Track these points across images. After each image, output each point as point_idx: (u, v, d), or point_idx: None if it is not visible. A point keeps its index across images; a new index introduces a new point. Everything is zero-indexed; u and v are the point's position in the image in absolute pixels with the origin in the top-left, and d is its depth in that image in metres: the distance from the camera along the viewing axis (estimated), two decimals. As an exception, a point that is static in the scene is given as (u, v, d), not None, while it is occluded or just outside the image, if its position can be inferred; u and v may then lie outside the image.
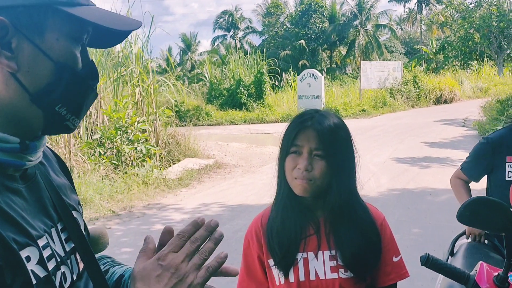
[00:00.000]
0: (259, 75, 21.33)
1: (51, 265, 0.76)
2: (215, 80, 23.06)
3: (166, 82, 11.38)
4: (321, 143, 1.37)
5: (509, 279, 1.46)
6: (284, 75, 28.02)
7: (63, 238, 0.83)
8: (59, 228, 0.83)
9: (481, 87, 25.67)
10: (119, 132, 8.44)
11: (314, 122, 1.39)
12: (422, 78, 23.70)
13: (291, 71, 25.55)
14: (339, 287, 1.40)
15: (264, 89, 21.33)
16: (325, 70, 35.24)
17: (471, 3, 28.18)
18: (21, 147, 0.76)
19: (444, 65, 31.05)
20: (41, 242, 0.75)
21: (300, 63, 35.19)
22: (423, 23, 40.75)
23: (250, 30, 47.20)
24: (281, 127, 1.52)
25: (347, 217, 1.42)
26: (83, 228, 0.90)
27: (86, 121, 8.89)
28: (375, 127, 15.59)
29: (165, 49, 42.43)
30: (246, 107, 20.96)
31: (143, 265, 0.77)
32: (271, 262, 1.45)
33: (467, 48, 29.28)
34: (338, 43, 39.90)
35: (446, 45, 30.96)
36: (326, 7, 38.51)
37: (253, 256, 1.50)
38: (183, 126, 14.15)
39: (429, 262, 1.49)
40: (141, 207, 6.93)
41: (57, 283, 0.77)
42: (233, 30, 47.29)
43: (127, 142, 8.53)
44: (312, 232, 1.44)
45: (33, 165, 0.80)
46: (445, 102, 23.51)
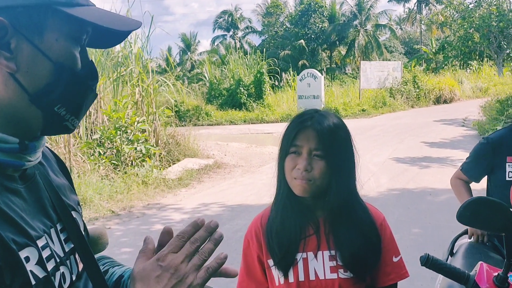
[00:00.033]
0: (258, 75, 21.32)
1: (50, 265, 0.76)
2: (214, 80, 23.04)
3: (166, 82, 11.37)
4: (321, 143, 1.37)
5: (509, 279, 1.46)
6: (283, 75, 28.05)
7: (62, 238, 0.83)
8: (59, 228, 0.83)
9: (480, 87, 25.68)
10: (118, 132, 8.43)
11: (314, 122, 1.39)
12: (422, 78, 23.71)
13: (291, 71, 25.56)
14: (338, 287, 1.40)
15: (264, 89, 21.32)
16: (324, 70, 35.27)
17: (470, 3, 28.21)
18: (20, 147, 0.76)
19: (443, 65, 31.07)
20: (40, 243, 0.75)
21: (300, 63, 35.20)
22: (422, 23, 40.77)
23: (250, 30, 47.21)
24: (280, 127, 1.52)
25: (347, 217, 1.42)
26: (82, 228, 0.90)
27: (86, 121, 8.88)
28: (374, 127, 15.59)
29: (164, 49, 42.48)
30: (246, 107, 20.95)
31: (142, 266, 0.77)
32: (270, 262, 1.45)
33: (466, 48, 29.31)
34: (337, 43, 39.91)
35: (445, 45, 30.99)
36: (325, 7, 38.52)
37: (252, 256, 1.50)
38: (182, 126, 14.15)
39: (429, 262, 1.49)
40: (140, 207, 6.92)
41: (56, 283, 0.77)
42: (232, 30, 47.30)
43: (126, 142, 8.53)
44: (312, 232, 1.44)
45: (32, 165, 0.80)
46: (445, 102, 23.52)
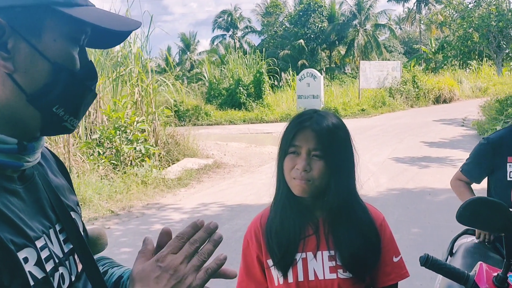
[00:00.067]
0: (258, 74, 21.32)
1: (49, 266, 0.76)
2: (214, 80, 23.03)
3: (165, 81, 11.36)
4: (319, 143, 1.37)
5: (509, 279, 1.46)
6: (283, 74, 28.05)
7: (61, 239, 0.83)
8: (58, 229, 0.83)
9: (480, 86, 25.70)
10: (118, 132, 8.43)
11: (313, 122, 1.39)
12: (421, 78, 23.73)
13: (290, 71, 25.58)
14: (337, 287, 1.40)
15: (263, 88, 21.32)
16: (324, 70, 35.29)
17: (470, 3, 28.22)
18: (19, 148, 0.76)
19: (443, 65, 31.07)
20: (39, 243, 0.75)
21: (299, 62, 35.19)
22: (422, 22, 40.75)
23: (249, 30, 47.20)
24: (280, 127, 1.52)
25: (346, 217, 1.42)
26: (81, 229, 0.90)
27: (85, 121, 8.88)
28: (374, 126, 15.60)
29: (164, 48, 42.51)
30: (245, 106, 20.94)
31: (142, 267, 0.76)
32: (270, 262, 1.45)
33: (466, 47, 29.33)
34: (337, 42, 39.90)
35: (445, 44, 31.00)
36: (325, 6, 38.51)
37: (252, 256, 1.50)
38: (182, 125, 14.14)
39: (428, 262, 1.49)
40: (140, 207, 6.92)
41: (55, 284, 0.76)
42: (232, 30, 47.29)
43: (126, 142, 8.52)
44: (311, 232, 1.44)
45: (31, 166, 0.80)
46: (444, 101, 23.54)
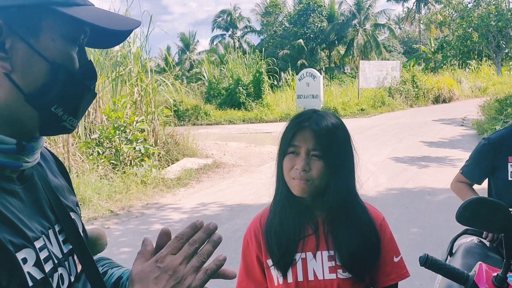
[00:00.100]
0: (257, 74, 21.32)
1: (48, 267, 0.75)
2: (213, 80, 23.02)
3: (165, 81, 11.35)
4: (319, 143, 1.37)
5: (508, 279, 1.46)
6: (282, 74, 28.07)
7: (60, 239, 0.82)
8: (57, 229, 0.82)
9: (479, 86, 25.73)
10: (117, 132, 8.42)
11: (312, 122, 1.39)
12: (421, 78, 23.75)
13: (290, 71, 25.59)
14: (337, 287, 1.40)
15: (263, 88, 21.32)
16: (323, 70, 35.31)
17: (469, 3, 28.25)
18: (17, 148, 0.76)
19: (442, 65, 31.09)
20: (38, 244, 0.75)
21: (299, 62, 35.19)
22: (421, 22, 40.76)
23: (249, 30, 47.18)
24: (279, 127, 1.52)
25: (346, 217, 1.42)
26: (81, 229, 0.90)
27: (85, 121, 8.87)
28: (373, 126, 15.60)
29: (163, 48, 42.55)
30: (244, 106, 20.94)
31: (141, 267, 0.76)
32: (269, 262, 1.45)
33: (465, 47, 29.35)
34: (336, 42, 39.90)
35: (444, 44, 31.02)
36: (324, 6, 38.51)
37: (252, 256, 1.50)
38: (181, 125, 14.15)
39: (428, 262, 1.49)
40: (139, 207, 6.92)
41: (54, 285, 0.76)
42: (231, 30, 47.27)
43: (125, 142, 8.52)
44: (311, 232, 1.44)
45: (30, 166, 0.80)
46: (444, 101, 23.56)
